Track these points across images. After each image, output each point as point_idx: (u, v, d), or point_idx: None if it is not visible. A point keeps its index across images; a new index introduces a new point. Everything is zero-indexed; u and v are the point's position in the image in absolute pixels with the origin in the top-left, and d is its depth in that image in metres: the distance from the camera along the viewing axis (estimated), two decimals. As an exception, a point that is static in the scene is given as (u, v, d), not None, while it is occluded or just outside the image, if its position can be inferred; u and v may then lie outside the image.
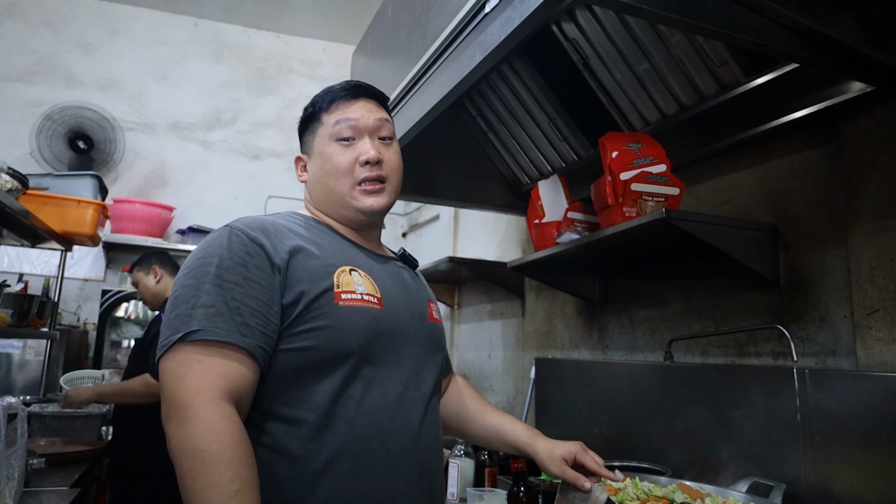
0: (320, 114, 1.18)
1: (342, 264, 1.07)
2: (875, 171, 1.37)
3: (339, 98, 1.17)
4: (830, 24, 1.18)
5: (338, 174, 1.14)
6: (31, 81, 4.17)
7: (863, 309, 1.36)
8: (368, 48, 2.39)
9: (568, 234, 1.92)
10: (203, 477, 0.85)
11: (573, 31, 1.90)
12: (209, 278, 0.96)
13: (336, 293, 1.02)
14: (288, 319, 0.99)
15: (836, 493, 1.31)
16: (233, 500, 0.84)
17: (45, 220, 2.72)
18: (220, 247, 1.00)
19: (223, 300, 0.94)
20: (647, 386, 1.87)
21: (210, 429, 0.87)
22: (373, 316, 1.05)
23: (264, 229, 1.04)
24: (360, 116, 1.15)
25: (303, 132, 1.23)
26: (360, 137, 1.15)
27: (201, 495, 0.85)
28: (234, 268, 0.97)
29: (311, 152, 1.19)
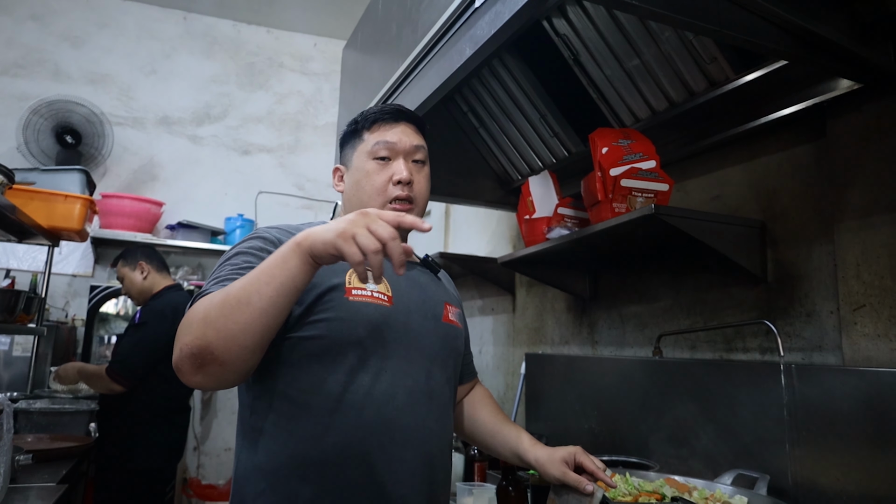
0: (362, 131, 1.26)
1: None
2: (862, 168, 1.38)
3: (382, 119, 1.25)
4: (819, 21, 1.19)
5: (371, 190, 1.21)
6: (17, 75, 4.13)
7: (849, 305, 1.38)
8: (359, 43, 2.38)
9: (558, 229, 1.92)
10: (222, 314, 0.90)
11: (564, 27, 1.90)
12: (232, 258, 1.07)
13: (347, 288, 1.09)
14: (299, 309, 1.06)
15: (821, 487, 1.32)
16: (247, 276, 0.92)
17: (32, 214, 2.69)
18: (244, 241, 1.12)
19: (231, 272, 1.02)
20: (636, 381, 1.88)
21: (211, 297, 0.94)
22: (381, 312, 1.11)
23: (288, 232, 1.14)
24: (398, 140, 1.23)
25: (343, 145, 1.31)
26: (395, 158, 1.23)
27: (245, 304, 0.90)
28: (250, 251, 1.07)
29: (350, 165, 1.27)
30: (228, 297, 0.91)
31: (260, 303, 0.90)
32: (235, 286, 0.92)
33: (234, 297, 0.90)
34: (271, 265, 0.91)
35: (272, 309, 0.90)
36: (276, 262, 0.91)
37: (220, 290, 0.94)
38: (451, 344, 1.25)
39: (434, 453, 1.13)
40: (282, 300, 0.91)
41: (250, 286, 0.90)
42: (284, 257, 0.91)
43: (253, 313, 0.90)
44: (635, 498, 1.23)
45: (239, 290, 0.91)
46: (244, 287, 0.91)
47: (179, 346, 0.92)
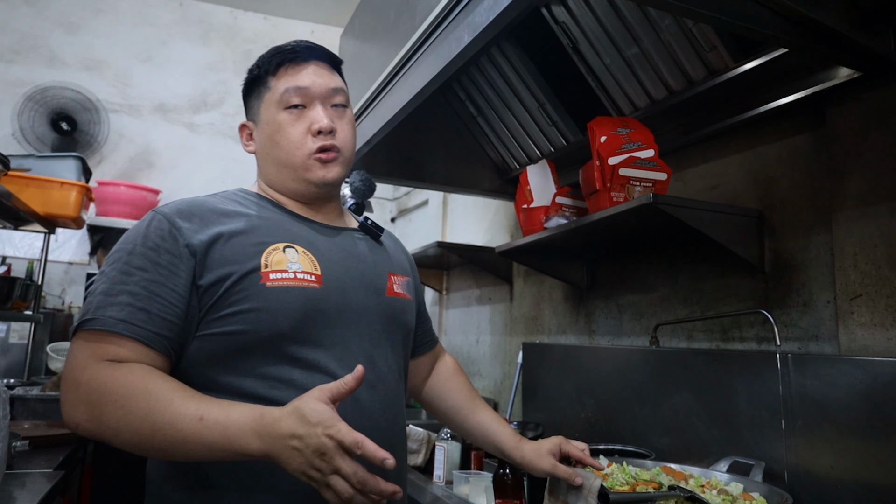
0: (266, 78, 1.10)
1: (277, 241, 1.01)
2: (860, 157, 1.37)
3: (288, 61, 1.08)
4: (819, 8, 1.18)
5: (289, 146, 1.07)
6: (12, 61, 4.09)
7: (845, 294, 1.38)
8: (356, 30, 2.36)
9: (556, 218, 1.92)
10: (132, 415, 0.83)
11: (563, 15, 1.88)
12: (118, 265, 0.93)
13: (263, 273, 0.96)
14: (209, 303, 0.94)
15: (816, 475, 1.33)
16: (172, 405, 0.83)
17: (28, 201, 2.68)
18: (137, 233, 0.97)
19: (123, 287, 0.91)
20: (632, 370, 1.89)
21: (109, 379, 0.85)
22: (308, 296, 0.98)
23: (189, 211, 0.99)
24: (310, 83, 1.07)
25: (248, 96, 1.14)
26: (311, 105, 1.08)
27: (145, 428, 0.82)
28: (144, 253, 0.94)
29: (258, 120, 1.11)
30: (145, 432, 0.82)
31: (174, 457, 0.85)
32: (157, 421, 0.82)
33: (154, 441, 0.83)
34: (212, 444, 0.81)
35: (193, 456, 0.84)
36: (220, 444, 0.81)
37: (137, 402, 0.83)
38: (398, 319, 1.12)
39: (384, 445, 0.94)
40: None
41: (177, 444, 0.82)
42: (235, 451, 0.81)
43: (158, 455, 0.87)
44: (632, 487, 1.23)
45: (162, 440, 0.82)
46: (170, 439, 0.82)
47: (73, 420, 0.85)
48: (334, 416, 0.79)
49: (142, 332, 0.89)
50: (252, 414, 0.82)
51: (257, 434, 0.80)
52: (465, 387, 1.34)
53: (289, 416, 0.80)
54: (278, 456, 0.80)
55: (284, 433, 0.79)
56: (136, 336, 0.89)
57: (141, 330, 0.89)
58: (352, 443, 0.76)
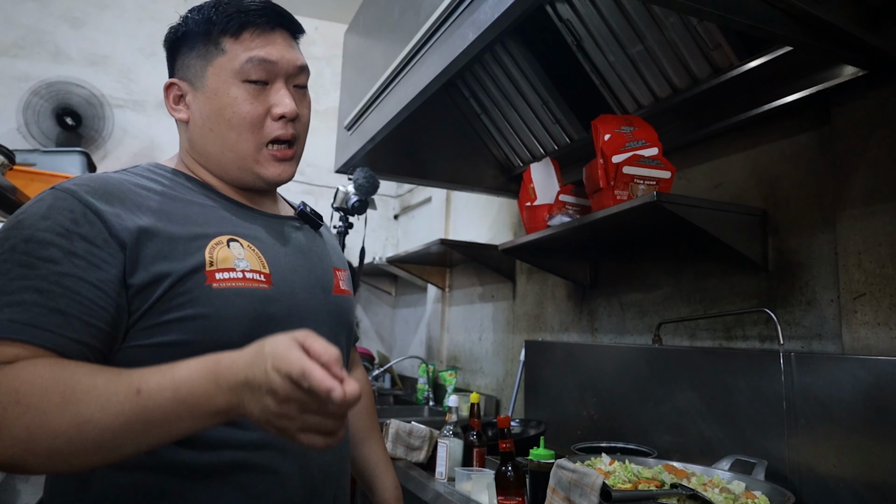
0: (221, 37, 0.90)
1: (217, 233, 0.86)
2: (865, 156, 1.37)
3: (254, 24, 0.91)
4: (825, 6, 1.17)
5: (242, 126, 0.90)
6: (17, 56, 4.10)
7: (849, 293, 1.38)
8: (361, 27, 2.36)
9: (559, 216, 1.92)
10: (47, 414, 0.64)
11: (567, 12, 1.88)
12: (14, 255, 0.72)
13: (209, 272, 0.82)
14: (143, 307, 0.78)
15: (818, 473, 1.33)
16: (97, 387, 0.66)
17: (32, 196, 2.69)
18: (34, 214, 0.76)
19: (26, 284, 0.71)
20: (635, 369, 1.89)
21: (11, 380, 0.65)
22: (259, 298, 0.85)
23: (105, 190, 0.81)
24: (279, 58, 0.91)
25: (181, 48, 0.94)
26: (273, 82, 0.92)
27: (73, 427, 0.64)
28: (51, 240, 0.74)
29: (200, 85, 0.92)
30: (68, 430, 0.64)
31: (132, 450, 0.67)
32: (82, 412, 0.64)
33: (84, 438, 0.64)
34: (164, 418, 0.65)
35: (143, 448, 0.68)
36: (174, 413, 0.65)
37: (48, 396, 0.64)
38: (343, 319, 1.03)
39: (331, 462, 0.94)
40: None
41: (117, 433, 0.65)
42: (196, 415, 0.66)
43: (112, 457, 0.67)
44: (635, 485, 1.23)
45: (95, 433, 0.64)
46: (104, 429, 0.64)
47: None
48: (290, 347, 0.63)
49: (55, 339, 0.70)
50: (205, 363, 0.67)
51: (216, 383, 0.65)
52: (368, 411, 1.25)
53: (249, 349, 0.66)
54: (242, 404, 0.65)
55: (241, 370, 0.65)
56: (47, 344, 0.70)
57: (53, 336, 0.70)
58: (298, 374, 0.60)
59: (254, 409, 0.64)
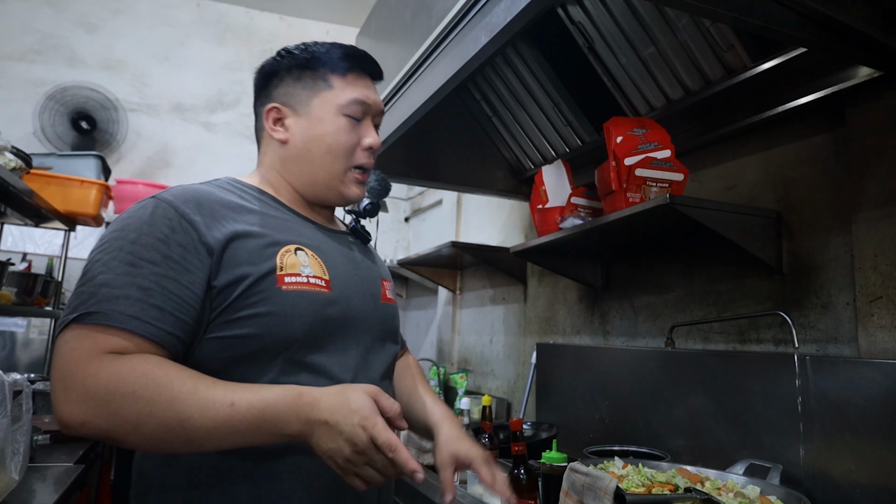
0: (331, 75, 1.06)
1: (287, 242, 0.98)
2: (881, 157, 1.36)
3: (359, 68, 1.08)
4: (839, 7, 1.17)
5: (338, 152, 1.05)
6: (33, 61, 4.15)
7: (865, 296, 1.36)
8: (372, 31, 2.37)
9: (571, 219, 1.91)
10: (155, 406, 0.77)
11: (579, 15, 1.88)
12: (122, 255, 0.85)
13: (279, 276, 0.93)
14: (222, 305, 0.90)
15: (834, 478, 1.32)
16: (198, 392, 0.79)
17: (49, 199, 2.72)
18: (140, 220, 0.88)
19: (132, 280, 0.83)
20: (648, 372, 1.88)
21: (120, 370, 0.78)
22: (320, 301, 0.97)
23: (198, 202, 0.93)
24: (373, 101, 1.09)
25: (286, 78, 1.08)
26: (364, 119, 1.08)
27: (170, 419, 0.77)
28: (152, 244, 0.86)
29: (305, 111, 1.06)
30: (170, 423, 0.77)
31: (211, 448, 0.81)
32: (185, 411, 0.77)
33: (181, 432, 0.78)
34: (246, 429, 0.79)
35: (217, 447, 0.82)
36: (255, 428, 0.80)
37: (159, 391, 0.77)
38: (389, 325, 1.14)
39: None
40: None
41: (208, 433, 0.78)
42: (272, 434, 0.80)
43: (193, 449, 0.81)
44: (648, 488, 1.23)
45: (191, 431, 0.78)
46: (199, 428, 0.78)
47: (76, 420, 0.77)
48: (374, 411, 0.80)
49: (154, 331, 0.83)
50: (289, 394, 0.82)
51: (295, 413, 0.80)
52: (409, 375, 1.29)
53: (331, 395, 0.81)
54: (311, 435, 0.80)
55: (323, 412, 0.80)
56: (149, 335, 0.82)
57: (153, 328, 0.83)
58: (385, 443, 0.78)
59: (324, 444, 0.80)
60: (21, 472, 1.48)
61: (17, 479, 1.46)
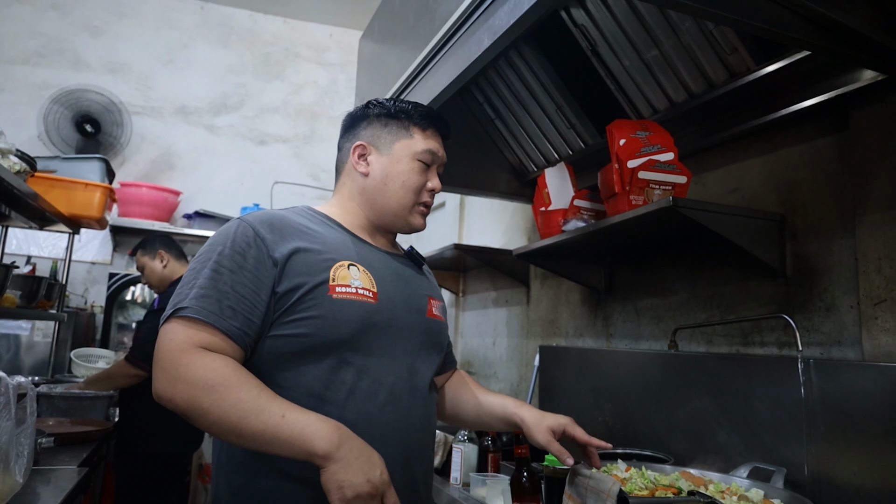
0: (413, 127, 1.26)
1: (342, 259, 1.13)
2: (885, 160, 1.36)
3: (436, 126, 1.29)
4: (843, 10, 1.16)
5: (410, 189, 1.24)
6: (38, 64, 4.17)
7: (869, 299, 1.36)
8: (376, 33, 2.38)
9: (574, 221, 1.91)
10: (223, 403, 0.93)
11: (582, 17, 1.88)
12: (210, 264, 1.05)
13: (331, 286, 1.08)
14: (283, 307, 1.06)
15: (838, 481, 1.31)
16: (261, 394, 0.95)
17: (53, 202, 2.73)
18: (226, 237, 1.08)
19: (214, 284, 1.02)
20: (651, 374, 1.88)
21: (206, 367, 0.95)
22: (366, 309, 1.11)
23: (271, 224, 1.12)
24: (443, 155, 1.29)
25: (374, 124, 1.27)
26: (432, 166, 1.27)
27: (229, 414, 0.93)
28: (232, 256, 1.05)
29: (385, 151, 1.25)
30: (232, 418, 0.93)
31: (252, 446, 0.96)
32: (245, 410, 0.93)
33: (237, 427, 0.94)
34: (287, 439, 0.93)
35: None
36: (294, 440, 0.93)
37: (230, 391, 0.95)
38: (434, 339, 1.26)
39: (413, 448, 1.14)
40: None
41: (257, 433, 0.94)
42: (304, 449, 0.93)
43: (237, 441, 0.97)
44: (652, 492, 1.22)
45: (245, 428, 0.94)
46: (252, 428, 0.94)
47: (168, 395, 0.96)
48: (388, 477, 0.96)
49: (229, 327, 1.00)
50: (330, 422, 0.96)
51: (330, 435, 0.94)
52: (469, 382, 1.43)
53: (362, 441, 0.97)
54: (336, 461, 0.92)
55: (356, 445, 0.95)
56: (225, 329, 1.00)
57: (229, 324, 1.00)
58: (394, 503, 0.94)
59: (343, 473, 0.92)
60: (25, 475, 1.48)
61: (21, 482, 1.47)
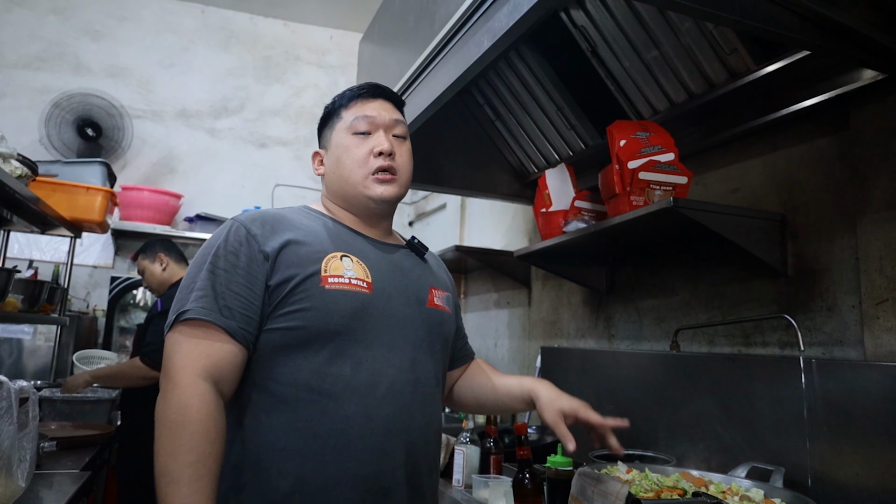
0: (339, 110, 1.24)
1: (334, 251, 1.12)
2: (886, 159, 1.35)
3: (358, 96, 1.23)
4: (842, 10, 1.17)
5: (352, 164, 1.19)
6: (39, 68, 4.18)
7: (871, 299, 1.36)
8: (376, 36, 2.38)
9: (575, 222, 1.91)
10: (167, 444, 0.95)
11: (582, 19, 1.88)
12: (206, 266, 1.06)
13: (323, 277, 1.08)
14: (276, 300, 1.06)
15: (840, 481, 1.31)
16: (186, 470, 0.93)
17: (55, 206, 2.74)
18: (218, 237, 1.10)
19: (211, 285, 1.04)
20: (652, 375, 1.88)
21: (181, 402, 0.96)
22: (360, 299, 1.09)
23: (263, 220, 1.12)
24: (377, 114, 1.21)
25: (322, 128, 1.28)
26: (375, 132, 1.20)
27: (162, 461, 0.94)
28: (226, 256, 1.06)
29: (329, 146, 1.24)
30: (157, 468, 0.95)
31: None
32: (165, 475, 0.94)
33: (157, 480, 0.95)
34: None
35: None
36: None
37: (173, 451, 0.95)
38: (437, 329, 1.22)
39: (417, 443, 1.11)
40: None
41: (159, 498, 0.94)
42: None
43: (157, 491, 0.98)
44: (657, 493, 1.22)
45: (158, 481, 0.95)
46: (160, 491, 0.94)
47: (158, 398, 1.00)
48: None
49: (230, 325, 1.02)
50: None
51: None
52: (486, 369, 1.40)
53: None
54: None
55: None
56: (227, 328, 1.01)
57: (226, 321, 1.02)
58: None
59: None
60: (28, 479, 1.48)
61: (23, 486, 1.47)
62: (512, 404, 1.32)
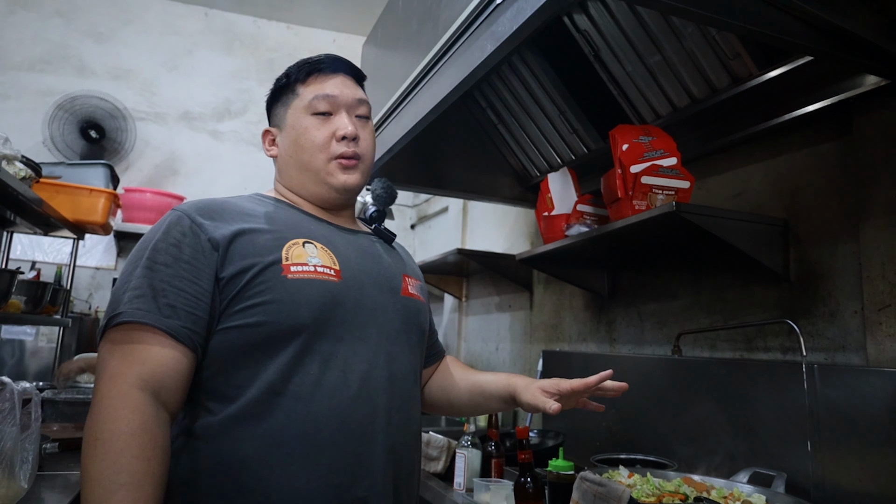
0: (295, 85, 1.13)
1: (295, 237, 1.02)
2: (888, 165, 1.36)
3: (318, 70, 1.12)
4: (845, 16, 1.17)
5: (313, 149, 1.09)
6: (43, 71, 4.19)
7: (873, 304, 1.36)
8: (379, 39, 2.39)
9: (577, 226, 1.91)
10: (92, 466, 0.83)
11: (585, 23, 1.89)
12: (142, 262, 0.94)
13: (284, 266, 0.97)
14: (230, 295, 0.95)
15: (842, 487, 1.31)
16: (115, 495, 0.81)
17: (58, 208, 2.74)
18: (157, 230, 0.98)
19: (149, 282, 0.92)
20: (654, 380, 1.87)
21: (108, 416, 0.84)
22: (328, 288, 0.99)
23: (210, 209, 1.01)
24: (339, 93, 1.11)
25: (273, 103, 1.17)
26: (336, 113, 1.11)
27: (87, 486, 0.82)
28: (166, 249, 0.94)
29: (283, 125, 1.13)
30: (84, 479, 0.84)
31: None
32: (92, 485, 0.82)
33: (84, 490, 0.84)
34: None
35: None
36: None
37: (103, 468, 0.82)
38: (413, 320, 1.12)
39: (396, 446, 1.01)
40: None
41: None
42: None
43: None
44: (659, 498, 1.22)
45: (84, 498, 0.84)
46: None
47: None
48: None
49: (172, 326, 0.90)
50: None
51: None
52: (458, 367, 1.32)
53: None
54: None
55: None
56: (167, 329, 0.90)
57: (171, 323, 0.90)
58: None
59: None
60: (30, 481, 1.49)
61: (26, 488, 1.47)
62: (487, 403, 1.23)
